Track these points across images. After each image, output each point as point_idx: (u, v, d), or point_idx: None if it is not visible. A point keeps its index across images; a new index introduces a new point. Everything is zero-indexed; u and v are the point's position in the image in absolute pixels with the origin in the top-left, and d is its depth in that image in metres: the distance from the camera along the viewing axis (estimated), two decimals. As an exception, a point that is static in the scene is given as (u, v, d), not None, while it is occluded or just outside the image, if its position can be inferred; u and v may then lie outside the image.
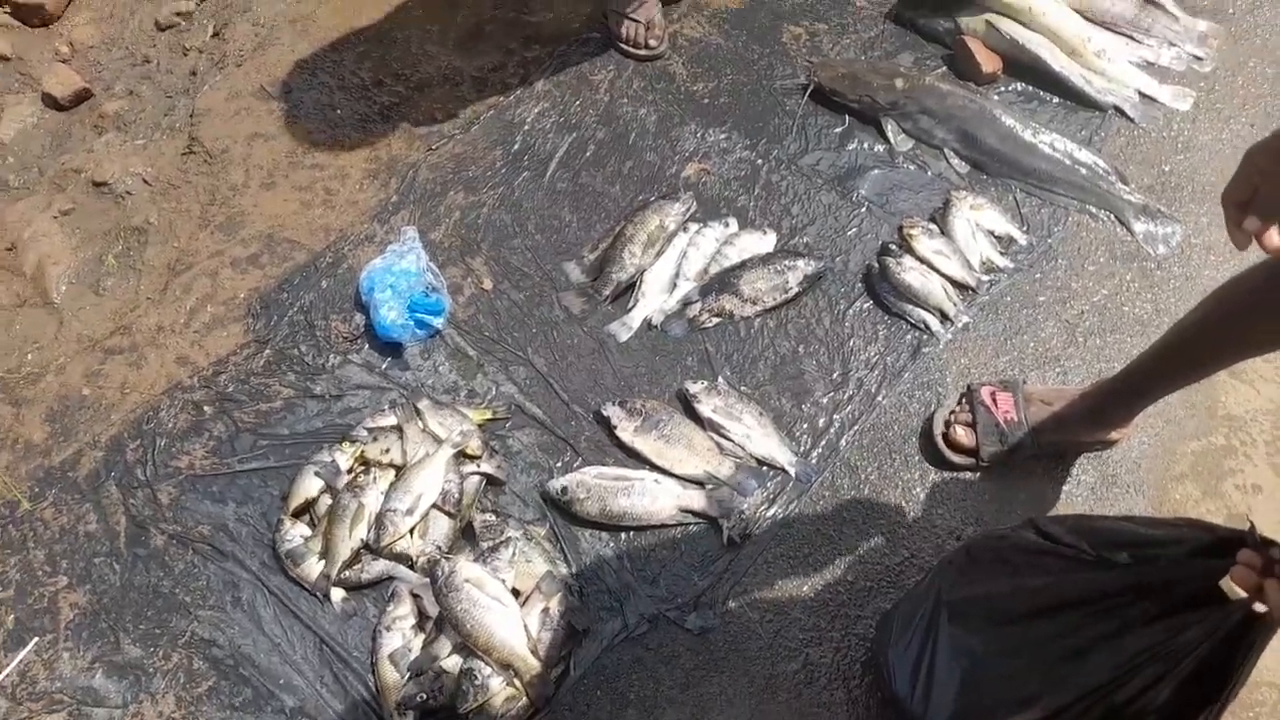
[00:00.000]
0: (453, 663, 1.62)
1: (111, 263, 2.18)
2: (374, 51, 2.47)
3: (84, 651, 1.70)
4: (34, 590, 1.77)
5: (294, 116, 2.36)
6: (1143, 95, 2.33)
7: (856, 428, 1.91)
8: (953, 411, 1.87)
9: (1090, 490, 1.84)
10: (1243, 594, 1.05)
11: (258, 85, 2.43)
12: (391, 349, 2.01)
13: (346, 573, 1.73)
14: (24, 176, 2.40)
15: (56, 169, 2.38)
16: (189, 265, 2.14)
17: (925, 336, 2.01)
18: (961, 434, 1.83)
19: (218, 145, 2.33)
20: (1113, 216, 2.18)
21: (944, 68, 2.39)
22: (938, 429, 1.87)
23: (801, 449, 1.89)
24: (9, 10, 2.73)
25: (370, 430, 1.87)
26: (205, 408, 1.94)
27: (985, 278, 2.08)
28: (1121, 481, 1.84)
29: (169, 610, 1.74)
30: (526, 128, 2.33)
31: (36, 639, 1.72)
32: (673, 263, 2.09)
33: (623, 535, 1.80)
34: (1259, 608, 1.04)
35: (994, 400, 1.82)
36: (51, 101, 2.53)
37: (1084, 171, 2.18)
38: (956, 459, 1.84)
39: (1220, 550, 1.12)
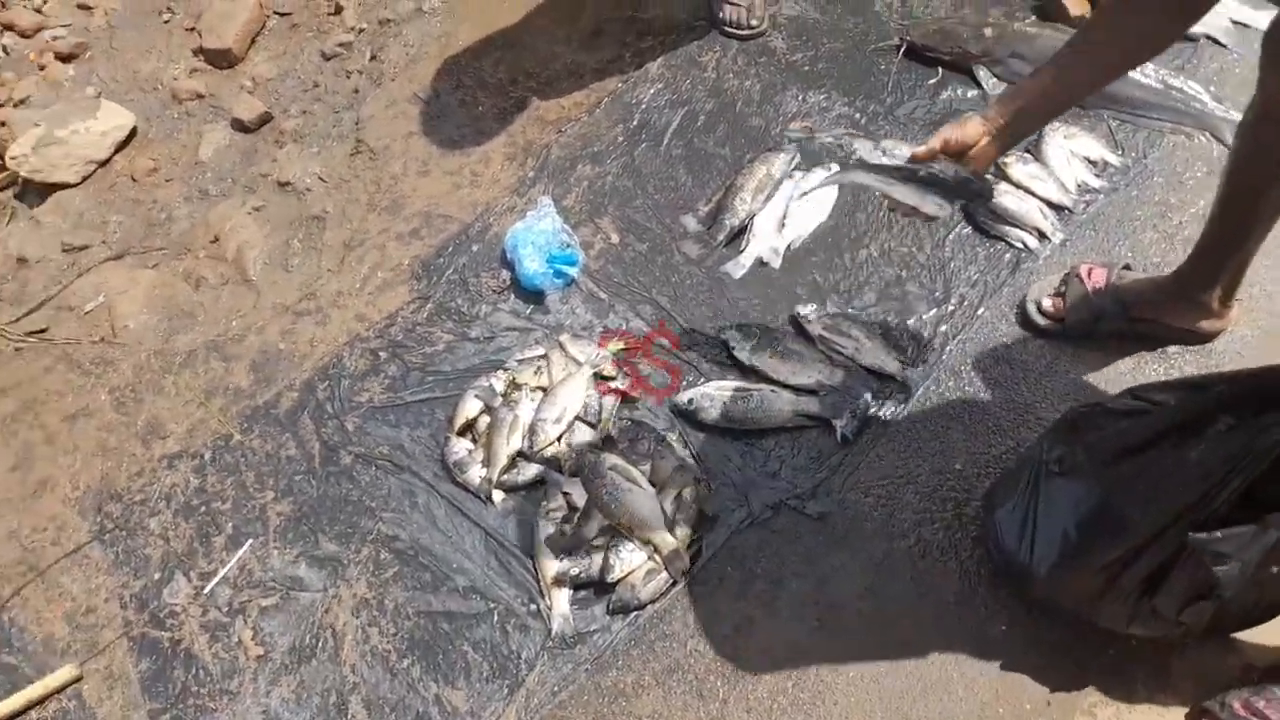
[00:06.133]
0: (600, 542, 1.84)
1: (297, 245, 2.55)
2: (508, 56, 2.80)
3: (290, 549, 2.01)
4: (247, 503, 2.09)
5: (442, 115, 2.70)
6: (1234, 22, 2.40)
7: (960, 337, 2.04)
8: (1054, 288, 1.99)
9: (1194, 379, 1.90)
10: None
11: (410, 93, 2.79)
12: (534, 297, 2.27)
13: (505, 477, 1.98)
14: (221, 185, 2.82)
15: (248, 176, 2.79)
16: (361, 242, 2.49)
17: (1024, 254, 2.13)
18: (1050, 304, 1.96)
19: (379, 144, 2.69)
20: (1211, 136, 2.25)
21: (1032, 16, 2.52)
22: (1031, 297, 1.99)
23: (908, 357, 2.03)
24: (203, 57, 3.22)
25: (520, 361, 2.13)
26: (380, 353, 2.25)
27: (1081, 199, 2.18)
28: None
29: (358, 514, 2.03)
30: (643, 107, 2.59)
31: (251, 540, 2.03)
32: (781, 205, 2.29)
33: (745, 438, 1.98)
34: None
35: (1089, 274, 1.93)
36: (240, 125, 2.96)
37: (1177, 95, 2.27)
38: (1042, 322, 1.96)
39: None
